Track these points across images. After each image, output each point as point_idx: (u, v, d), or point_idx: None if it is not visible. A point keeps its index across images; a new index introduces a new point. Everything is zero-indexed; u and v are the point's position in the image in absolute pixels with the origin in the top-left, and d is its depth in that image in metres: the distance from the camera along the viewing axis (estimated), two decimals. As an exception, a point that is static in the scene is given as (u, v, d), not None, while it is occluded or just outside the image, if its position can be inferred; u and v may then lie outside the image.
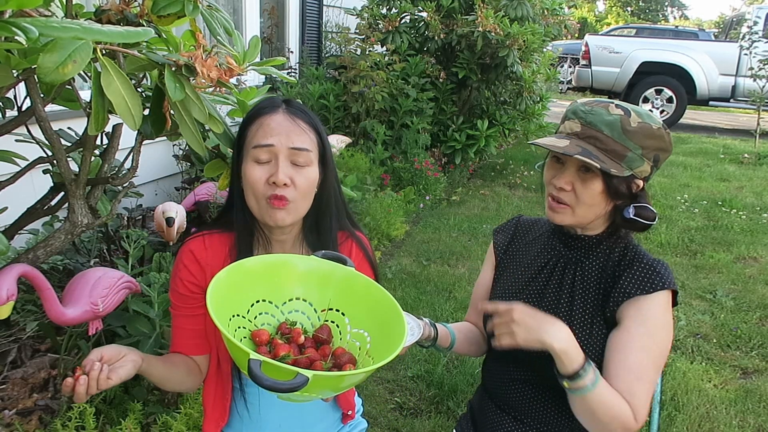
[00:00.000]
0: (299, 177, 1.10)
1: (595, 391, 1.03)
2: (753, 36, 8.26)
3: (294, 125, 1.10)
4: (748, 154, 7.65)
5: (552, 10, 6.18)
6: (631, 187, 1.11)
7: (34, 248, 1.33)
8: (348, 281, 1.07)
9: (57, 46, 0.78)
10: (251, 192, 1.11)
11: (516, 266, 1.32)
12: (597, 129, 1.08)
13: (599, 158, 1.07)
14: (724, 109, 12.90)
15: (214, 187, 2.82)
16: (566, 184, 1.12)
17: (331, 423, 1.31)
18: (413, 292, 3.40)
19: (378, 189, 4.51)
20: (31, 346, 2.17)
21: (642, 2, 32.57)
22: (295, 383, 0.80)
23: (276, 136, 1.09)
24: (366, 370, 0.87)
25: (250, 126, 1.12)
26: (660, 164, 1.14)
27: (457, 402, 2.43)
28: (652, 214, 1.13)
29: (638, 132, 1.08)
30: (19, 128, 1.31)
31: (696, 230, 4.81)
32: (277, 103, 1.14)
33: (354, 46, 5.33)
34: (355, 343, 1.04)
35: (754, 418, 2.42)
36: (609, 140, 1.07)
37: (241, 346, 0.82)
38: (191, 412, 1.84)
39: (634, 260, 1.16)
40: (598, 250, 1.19)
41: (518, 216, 1.41)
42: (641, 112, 1.11)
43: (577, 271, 1.20)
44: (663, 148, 1.12)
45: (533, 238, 1.33)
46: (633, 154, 1.08)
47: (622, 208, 1.14)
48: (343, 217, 1.24)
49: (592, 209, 1.12)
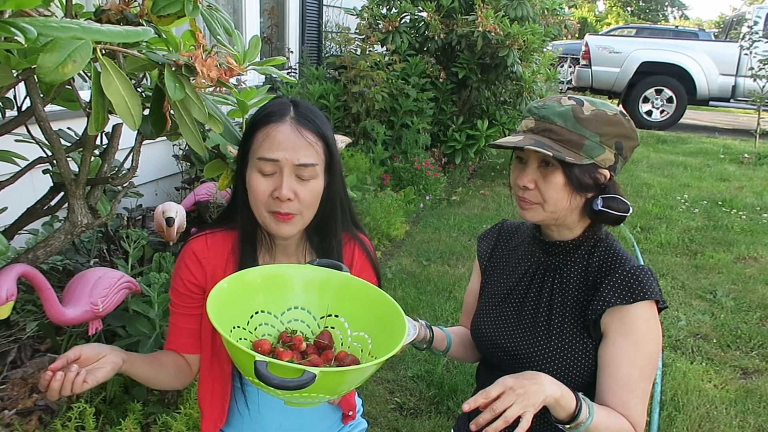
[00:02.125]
0: (303, 190, 1.08)
1: (594, 421, 1.03)
2: (753, 36, 8.27)
3: (301, 139, 1.07)
4: (748, 154, 7.65)
5: (552, 10, 6.18)
6: (596, 178, 1.10)
7: (34, 248, 1.33)
8: (344, 286, 1.08)
9: (56, 45, 0.78)
10: (254, 202, 1.10)
11: (500, 273, 1.31)
12: (550, 121, 1.09)
13: (553, 148, 1.06)
14: (724, 109, 12.90)
15: (214, 187, 2.82)
16: (529, 182, 1.12)
17: (331, 423, 1.31)
18: (413, 292, 3.40)
19: (378, 189, 4.51)
20: (31, 346, 2.17)
21: (642, 2, 32.57)
22: (302, 380, 0.80)
23: (282, 151, 1.06)
24: (373, 363, 0.88)
25: (257, 133, 1.09)
26: (626, 152, 1.12)
27: (457, 402, 2.43)
28: (624, 205, 1.11)
29: (593, 119, 1.07)
30: (19, 128, 1.31)
31: (696, 230, 4.81)
32: (285, 109, 1.10)
33: (354, 46, 5.33)
34: (356, 346, 1.05)
35: (754, 418, 2.42)
36: (564, 131, 1.07)
37: (245, 350, 0.83)
38: (191, 412, 1.84)
39: (616, 267, 1.13)
40: (576, 255, 1.18)
41: (502, 221, 1.40)
42: (595, 101, 1.11)
43: (555, 279, 1.19)
44: (624, 134, 1.10)
45: (516, 244, 1.32)
46: (591, 142, 1.07)
47: (592, 201, 1.13)
48: (347, 220, 1.24)
49: (560, 203, 1.11)
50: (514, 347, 1.21)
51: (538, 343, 1.17)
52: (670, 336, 3.08)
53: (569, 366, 1.14)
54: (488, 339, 1.26)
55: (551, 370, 1.14)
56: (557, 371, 1.14)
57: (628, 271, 1.10)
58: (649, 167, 7.14)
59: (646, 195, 5.87)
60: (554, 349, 1.15)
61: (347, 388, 0.95)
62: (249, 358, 0.83)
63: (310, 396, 0.86)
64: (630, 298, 1.08)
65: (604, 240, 1.17)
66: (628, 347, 1.09)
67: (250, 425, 1.24)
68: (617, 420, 1.07)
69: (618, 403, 1.08)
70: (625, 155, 1.13)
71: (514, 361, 1.19)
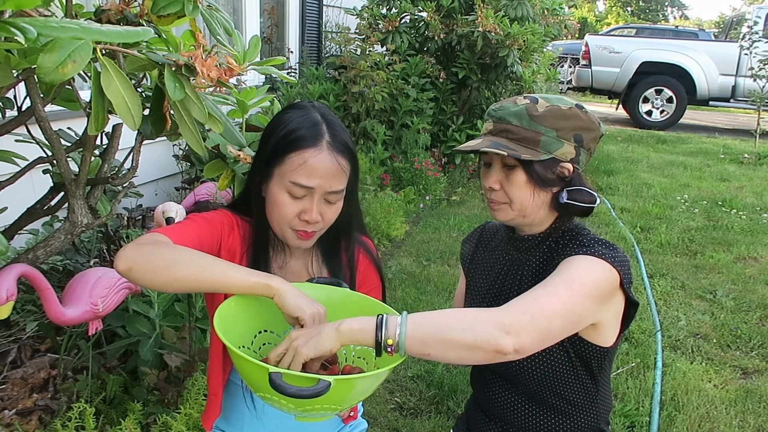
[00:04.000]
0: (329, 212, 1.10)
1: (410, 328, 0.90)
2: (753, 36, 8.26)
3: (336, 167, 1.07)
4: (748, 154, 7.65)
5: (552, 10, 6.18)
6: (558, 172, 1.11)
7: (34, 248, 1.33)
8: (344, 301, 1.09)
9: (56, 46, 0.78)
10: (278, 218, 1.10)
11: (480, 274, 1.32)
12: (506, 122, 1.11)
13: (509, 147, 1.08)
14: (724, 109, 12.89)
15: (214, 187, 2.82)
16: (494, 182, 1.14)
17: (331, 423, 1.31)
18: (413, 292, 3.40)
19: (378, 189, 4.51)
20: (31, 346, 2.18)
21: (642, 2, 32.57)
22: (318, 388, 0.82)
23: (317, 179, 1.05)
24: (385, 369, 0.89)
25: (290, 154, 1.06)
26: (587, 144, 1.12)
27: (457, 402, 2.43)
28: (589, 197, 1.12)
29: (546, 115, 1.09)
30: (19, 128, 1.31)
31: (696, 230, 4.81)
32: (320, 132, 1.07)
33: (354, 46, 5.33)
34: (360, 360, 1.07)
35: (754, 418, 2.42)
36: (519, 129, 1.09)
37: (258, 363, 0.84)
38: (191, 412, 1.84)
39: (575, 238, 1.12)
40: (544, 246, 1.18)
41: (485, 223, 1.41)
42: (550, 97, 1.12)
43: (525, 272, 1.19)
44: (583, 126, 1.11)
45: (495, 245, 1.33)
46: (547, 138, 1.09)
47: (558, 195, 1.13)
48: (359, 227, 1.25)
49: (525, 200, 1.12)
50: None
51: None
52: (671, 336, 3.08)
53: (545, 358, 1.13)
54: None
55: (529, 365, 1.14)
56: (534, 365, 1.13)
57: (589, 239, 1.09)
58: (649, 167, 7.14)
59: (646, 195, 5.87)
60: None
61: (359, 397, 0.96)
62: (262, 371, 0.84)
63: (323, 407, 0.87)
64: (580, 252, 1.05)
65: (572, 230, 1.17)
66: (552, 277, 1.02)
67: (251, 424, 1.24)
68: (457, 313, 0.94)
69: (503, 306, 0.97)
70: (588, 147, 1.13)
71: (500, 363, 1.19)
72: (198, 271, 0.94)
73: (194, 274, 0.94)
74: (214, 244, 1.09)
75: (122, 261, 0.93)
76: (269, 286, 0.96)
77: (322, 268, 1.21)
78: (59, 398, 1.98)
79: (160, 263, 0.94)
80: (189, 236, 1.04)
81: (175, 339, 1.99)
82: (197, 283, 0.95)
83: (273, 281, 0.96)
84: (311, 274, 1.20)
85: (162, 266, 0.94)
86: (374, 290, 1.25)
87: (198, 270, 0.94)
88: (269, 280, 0.96)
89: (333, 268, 1.21)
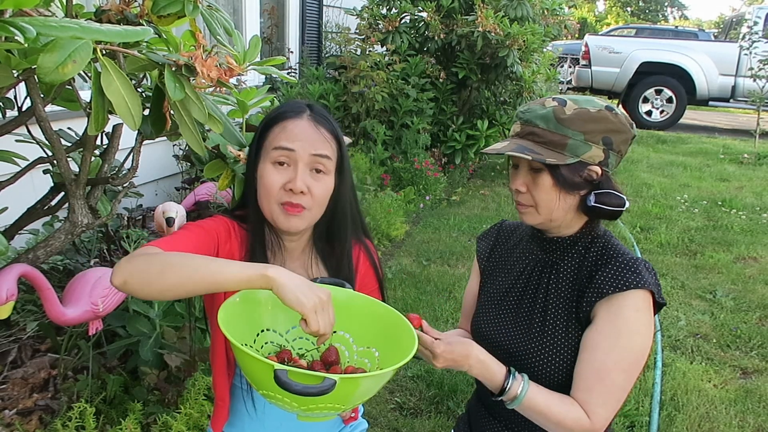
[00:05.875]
0: (316, 186, 1.10)
1: (528, 396, 1.05)
2: (753, 36, 8.27)
3: (317, 133, 1.10)
4: (748, 154, 7.65)
5: (552, 10, 6.18)
6: (586, 175, 1.10)
7: (34, 248, 1.34)
8: (348, 303, 1.09)
9: (57, 46, 0.78)
10: (265, 194, 1.10)
11: (498, 273, 1.32)
12: (533, 125, 1.10)
13: (534, 151, 1.08)
14: (724, 109, 12.90)
15: (214, 187, 2.82)
16: (521, 185, 1.14)
17: (332, 424, 1.31)
18: (413, 292, 3.40)
19: (378, 189, 4.51)
20: (31, 346, 2.18)
21: (642, 2, 32.56)
22: (323, 386, 0.82)
23: (299, 142, 1.08)
24: (391, 369, 0.89)
25: (273, 128, 1.11)
26: (618, 146, 1.11)
27: (457, 402, 2.43)
28: (618, 200, 1.11)
29: (574, 118, 1.08)
30: (19, 128, 1.31)
31: (696, 230, 4.81)
32: (301, 108, 1.13)
33: (354, 46, 5.33)
34: (363, 361, 1.06)
35: (754, 418, 2.42)
36: (546, 132, 1.09)
37: (263, 359, 0.84)
38: (191, 412, 1.84)
39: (611, 258, 1.12)
40: (573, 250, 1.18)
41: (501, 221, 1.40)
42: (579, 99, 1.11)
43: (552, 274, 1.19)
44: (612, 129, 1.10)
45: (514, 243, 1.32)
46: (574, 141, 1.08)
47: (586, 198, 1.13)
48: (357, 228, 1.24)
49: (552, 204, 1.12)
50: (512, 346, 1.21)
51: (533, 340, 1.17)
52: (670, 336, 3.08)
53: (563, 362, 1.13)
54: (487, 338, 1.27)
55: (545, 367, 1.14)
56: (551, 368, 1.14)
57: (623, 262, 1.10)
58: (649, 167, 7.14)
59: (646, 195, 5.87)
60: (548, 346, 1.15)
61: (362, 397, 0.96)
62: (267, 368, 0.83)
63: (326, 407, 0.87)
64: (623, 285, 1.07)
65: (602, 236, 1.17)
66: (610, 333, 1.06)
67: (251, 424, 1.24)
68: (564, 406, 1.05)
69: (583, 388, 1.06)
70: (618, 149, 1.12)
71: (512, 360, 1.19)
72: (191, 272, 0.92)
73: (188, 275, 0.92)
74: (210, 252, 1.09)
75: (116, 276, 0.93)
76: (266, 276, 0.92)
77: (321, 269, 1.21)
78: (59, 398, 1.98)
79: (152, 271, 0.92)
80: (183, 245, 1.02)
81: (175, 339, 1.99)
82: (192, 285, 0.93)
83: (270, 271, 0.92)
84: (311, 275, 1.19)
85: (154, 274, 0.91)
86: (373, 293, 1.25)
87: (191, 271, 0.92)
88: (266, 270, 0.92)
89: (333, 269, 1.21)
